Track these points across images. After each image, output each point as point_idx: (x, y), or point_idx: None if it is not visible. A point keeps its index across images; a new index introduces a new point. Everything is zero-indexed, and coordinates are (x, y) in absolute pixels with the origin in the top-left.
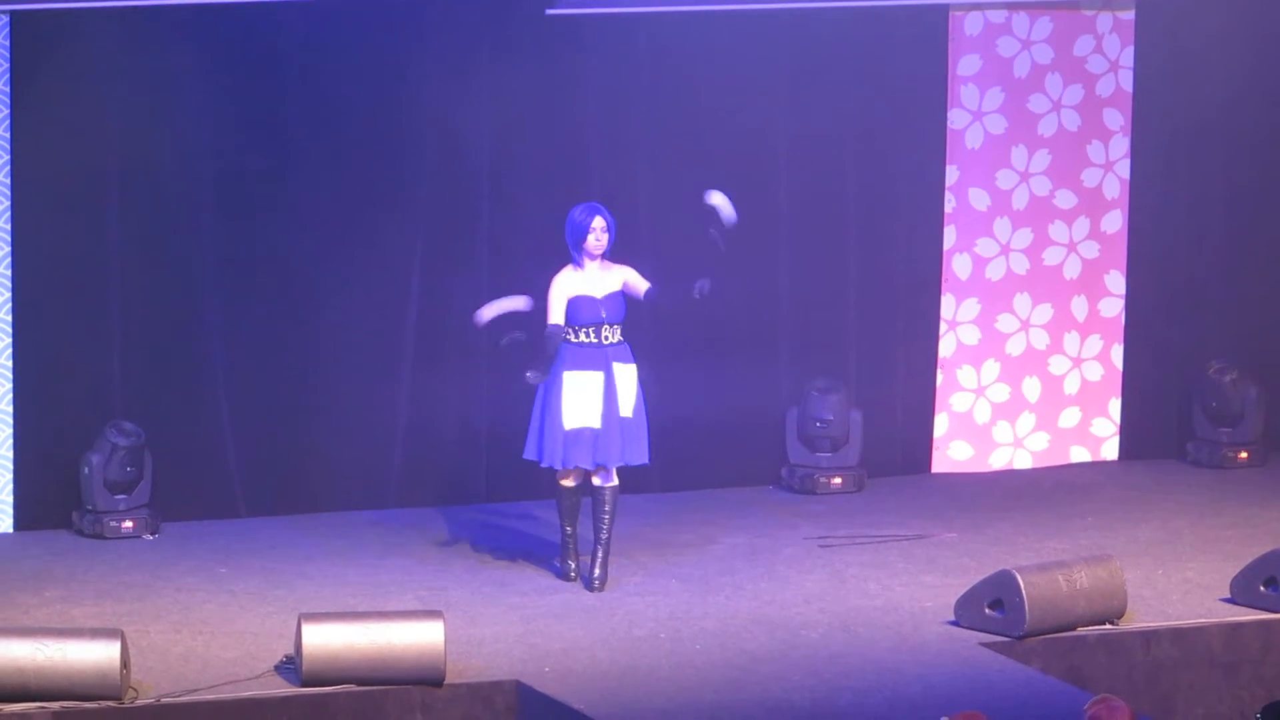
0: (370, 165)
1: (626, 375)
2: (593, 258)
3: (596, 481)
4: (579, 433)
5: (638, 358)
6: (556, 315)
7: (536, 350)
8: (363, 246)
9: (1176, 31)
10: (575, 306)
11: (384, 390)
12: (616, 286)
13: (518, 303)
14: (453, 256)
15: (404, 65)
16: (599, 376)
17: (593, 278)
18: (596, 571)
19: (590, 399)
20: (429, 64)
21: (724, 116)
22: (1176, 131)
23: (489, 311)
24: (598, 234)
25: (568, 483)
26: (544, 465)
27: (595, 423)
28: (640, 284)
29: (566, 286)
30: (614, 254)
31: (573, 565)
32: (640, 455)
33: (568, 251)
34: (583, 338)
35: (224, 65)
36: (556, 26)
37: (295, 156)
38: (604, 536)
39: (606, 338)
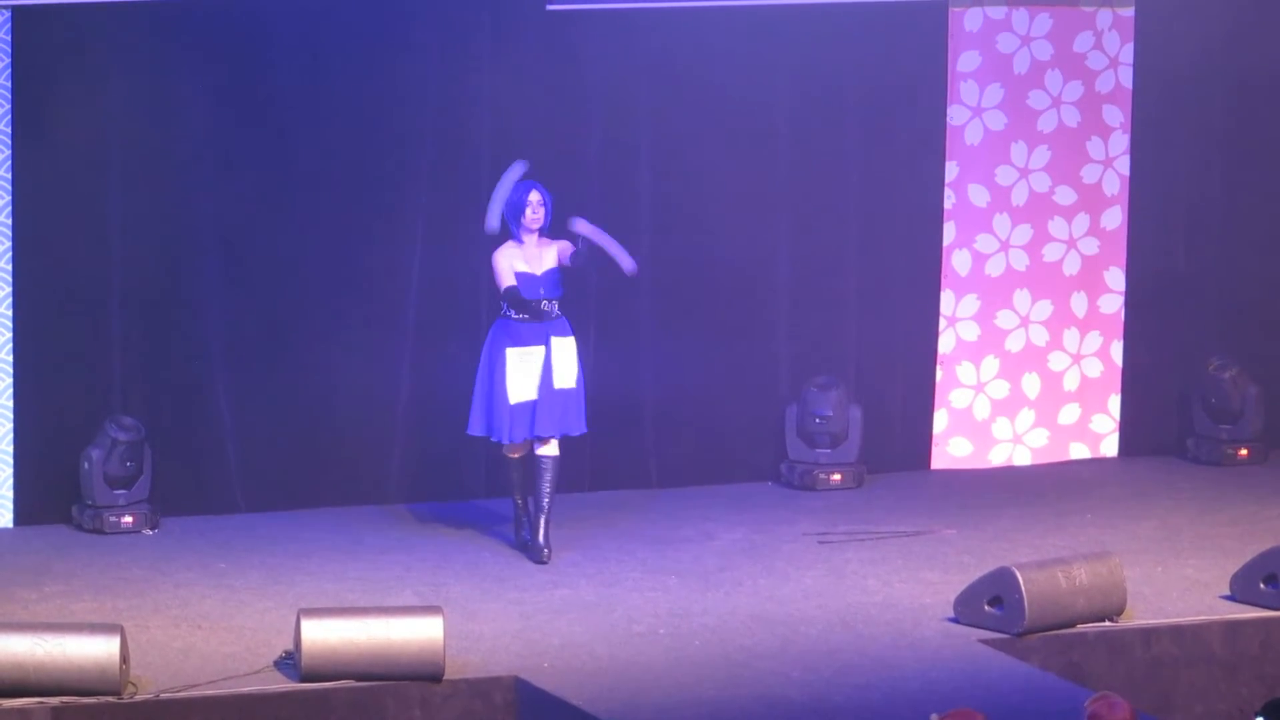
0: (370, 159)
1: (563, 348)
2: (530, 232)
3: (539, 451)
4: (522, 406)
5: (637, 351)
6: (509, 280)
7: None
8: (363, 242)
9: (1176, 27)
10: (518, 281)
11: (383, 385)
12: (554, 263)
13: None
14: (453, 251)
15: (405, 59)
16: (540, 351)
17: (531, 255)
18: (542, 541)
19: (531, 373)
20: (429, 57)
21: (724, 112)
22: (1176, 128)
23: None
24: (534, 207)
25: (514, 455)
26: (493, 440)
27: (533, 395)
28: (566, 250)
29: (510, 260)
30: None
31: (525, 533)
32: (578, 426)
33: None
34: (520, 315)
35: (224, 60)
36: (557, 20)
37: (296, 151)
38: (545, 504)
39: (545, 311)
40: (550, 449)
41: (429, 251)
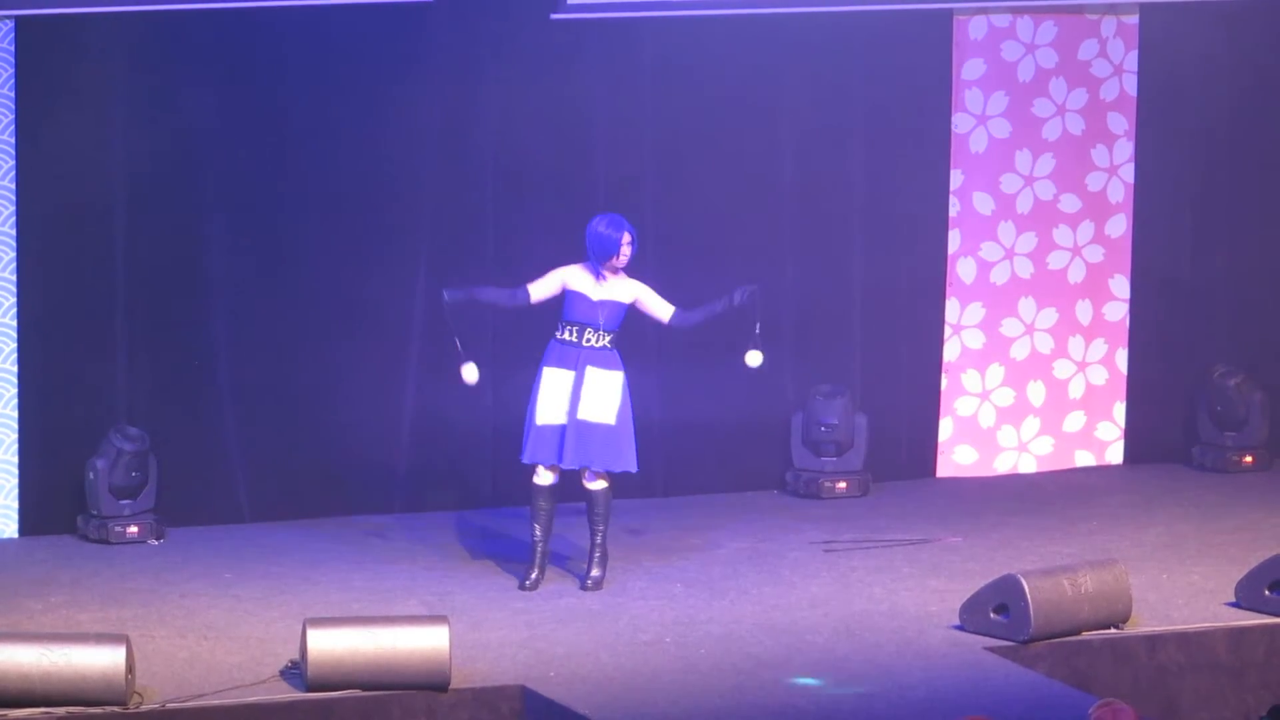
0: (375, 170)
1: (598, 380)
2: (615, 273)
3: (584, 484)
4: (547, 429)
5: (643, 360)
6: (538, 289)
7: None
8: (368, 252)
9: (1180, 35)
10: (570, 301)
11: (389, 395)
12: (622, 298)
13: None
14: (458, 262)
15: (409, 71)
16: (570, 376)
17: (600, 281)
18: (593, 572)
19: (559, 396)
20: (434, 69)
21: (728, 121)
22: (1180, 135)
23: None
24: (624, 249)
25: (538, 480)
26: (522, 460)
27: (561, 419)
28: (660, 307)
29: (570, 277)
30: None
31: (533, 575)
32: (616, 463)
33: (573, 256)
34: (566, 335)
35: (229, 70)
36: (561, 31)
37: (300, 162)
38: (595, 540)
39: (588, 340)
40: (595, 484)
41: (433, 260)
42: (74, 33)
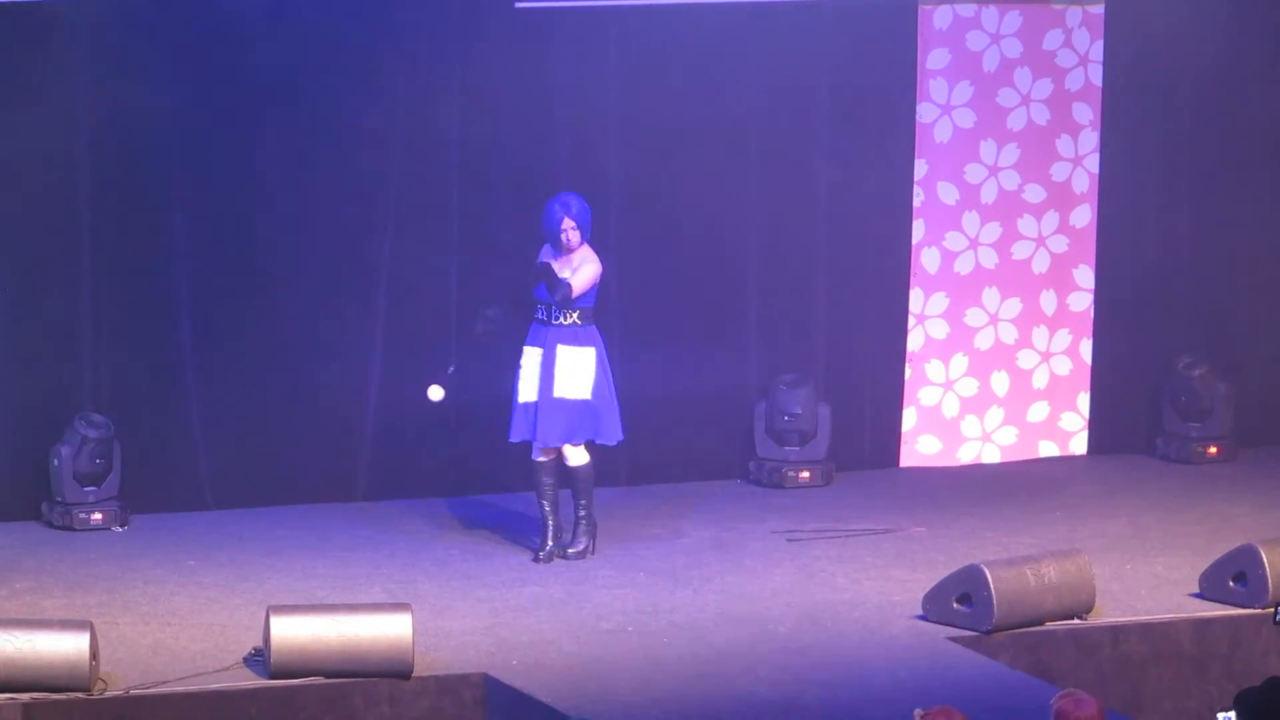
0: (340, 157)
1: (569, 356)
2: (570, 252)
3: (565, 461)
4: (525, 406)
5: (606, 348)
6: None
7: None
8: (333, 240)
9: (1146, 25)
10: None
11: (353, 382)
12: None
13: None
14: (423, 250)
15: (374, 57)
16: (538, 354)
17: (560, 261)
18: (580, 542)
19: (531, 375)
20: (399, 56)
21: (694, 109)
22: (1145, 125)
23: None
24: (567, 234)
25: (537, 457)
26: (510, 439)
27: (534, 397)
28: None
29: (541, 258)
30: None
31: (547, 547)
32: (597, 434)
33: (538, 242)
34: (539, 315)
35: (193, 58)
36: (525, 19)
37: (265, 150)
38: (579, 513)
39: (555, 318)
40: (574, 457)
41: (398, 249)
42: (36, 19)
